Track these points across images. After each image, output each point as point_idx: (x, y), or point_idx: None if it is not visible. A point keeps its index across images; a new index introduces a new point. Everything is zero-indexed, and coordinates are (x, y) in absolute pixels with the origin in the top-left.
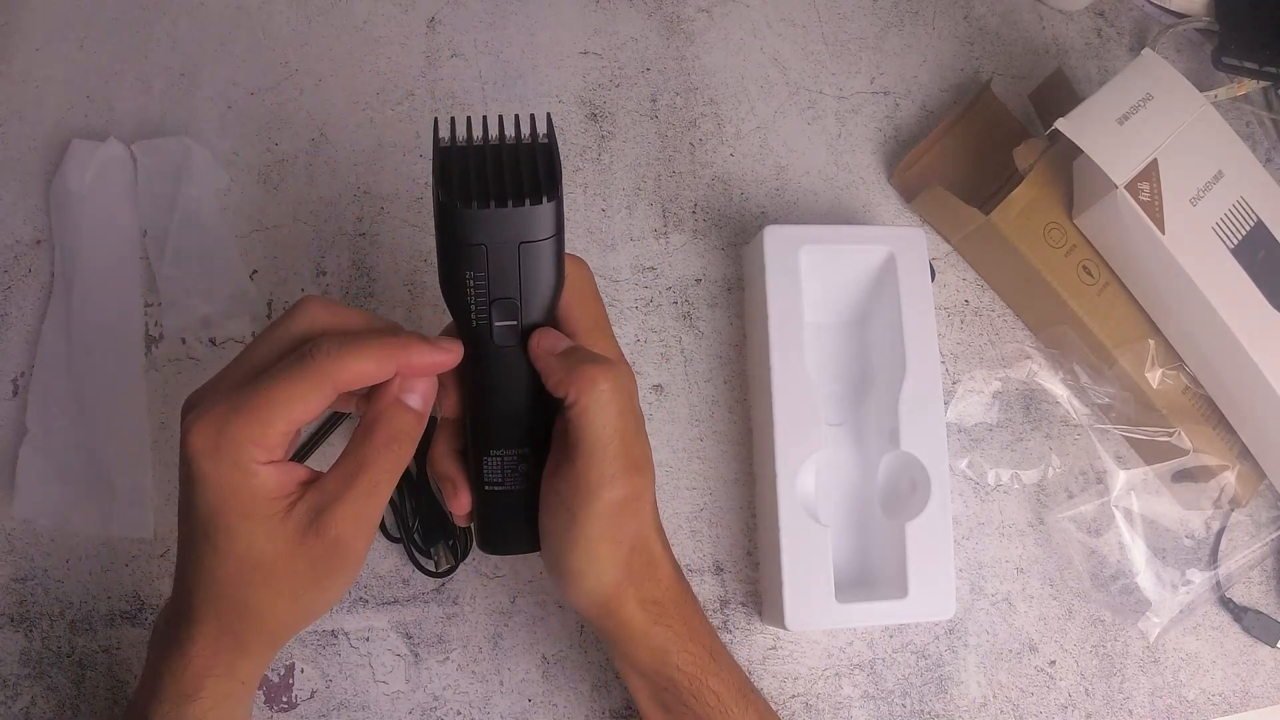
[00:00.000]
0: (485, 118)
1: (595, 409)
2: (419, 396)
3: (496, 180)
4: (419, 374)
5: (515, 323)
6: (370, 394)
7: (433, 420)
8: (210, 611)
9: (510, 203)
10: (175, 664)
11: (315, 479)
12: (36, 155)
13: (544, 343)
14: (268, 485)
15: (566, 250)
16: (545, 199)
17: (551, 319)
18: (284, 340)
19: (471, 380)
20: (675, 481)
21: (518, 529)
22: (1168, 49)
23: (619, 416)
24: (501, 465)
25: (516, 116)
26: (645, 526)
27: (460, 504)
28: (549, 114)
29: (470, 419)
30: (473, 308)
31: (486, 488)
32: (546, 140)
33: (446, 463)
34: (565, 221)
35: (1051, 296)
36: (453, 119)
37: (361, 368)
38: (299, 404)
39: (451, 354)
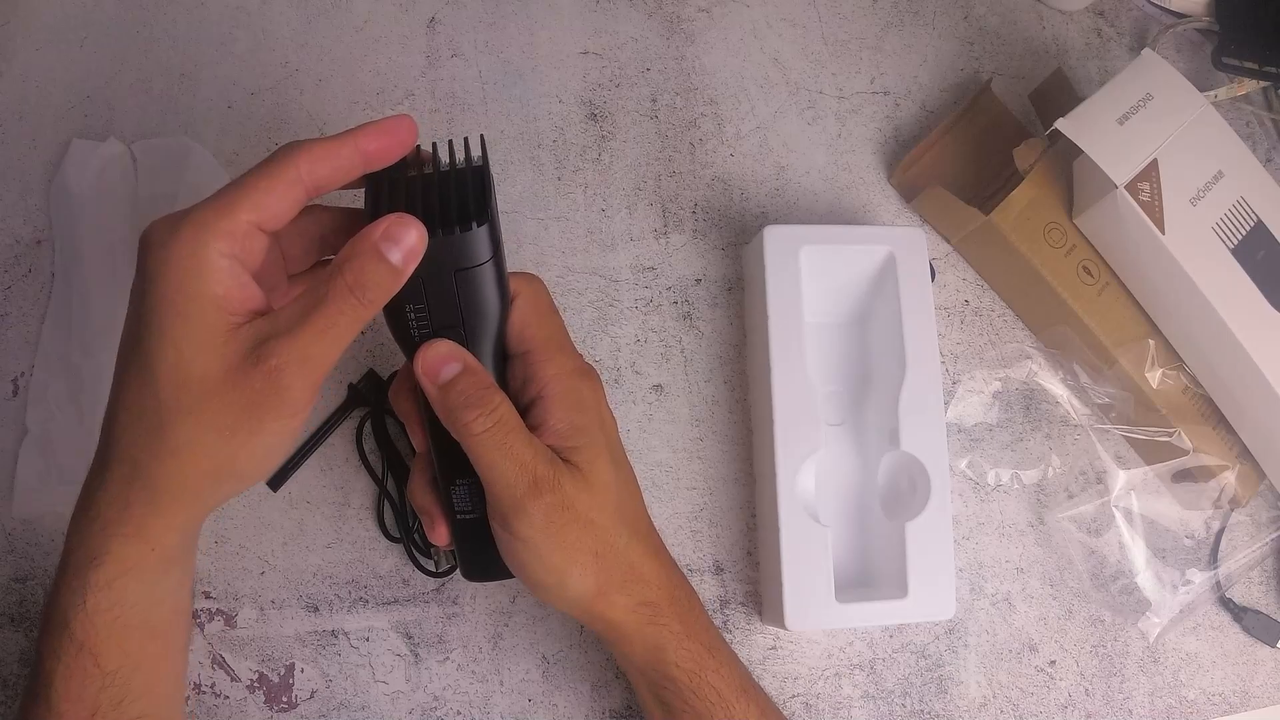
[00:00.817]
0: (419, 147)
1: (478, 451)
2: (400, 251)
3: (426, 209)
4: (381, 154)
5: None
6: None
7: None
8: (125, 448)
9: (440, 231)
10: (81, 522)
11: (271, 312)
12: (36, 155)
13: (426, 371)
14: (218, 289)
15: (520, 269)
16: (475, 224)
17: (499, 342)
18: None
19: (427, 410)
20: (675, 481)
21: (491, 556)
22: (1168, 49)
23: (500, 452)
24: (469, 493)
25: (451, 142)
26: (603, 534)
27: (439, 535)
28: (481, 135)
29: (433, 449)
30: (417, 339)
31: (459, 516)
32: (480, 164)
33: (422, 495)
34: (503, 243)
35: (1051, 296)
36: None
37: (324, 150)
38: (262, 193)
39: (403, 122)
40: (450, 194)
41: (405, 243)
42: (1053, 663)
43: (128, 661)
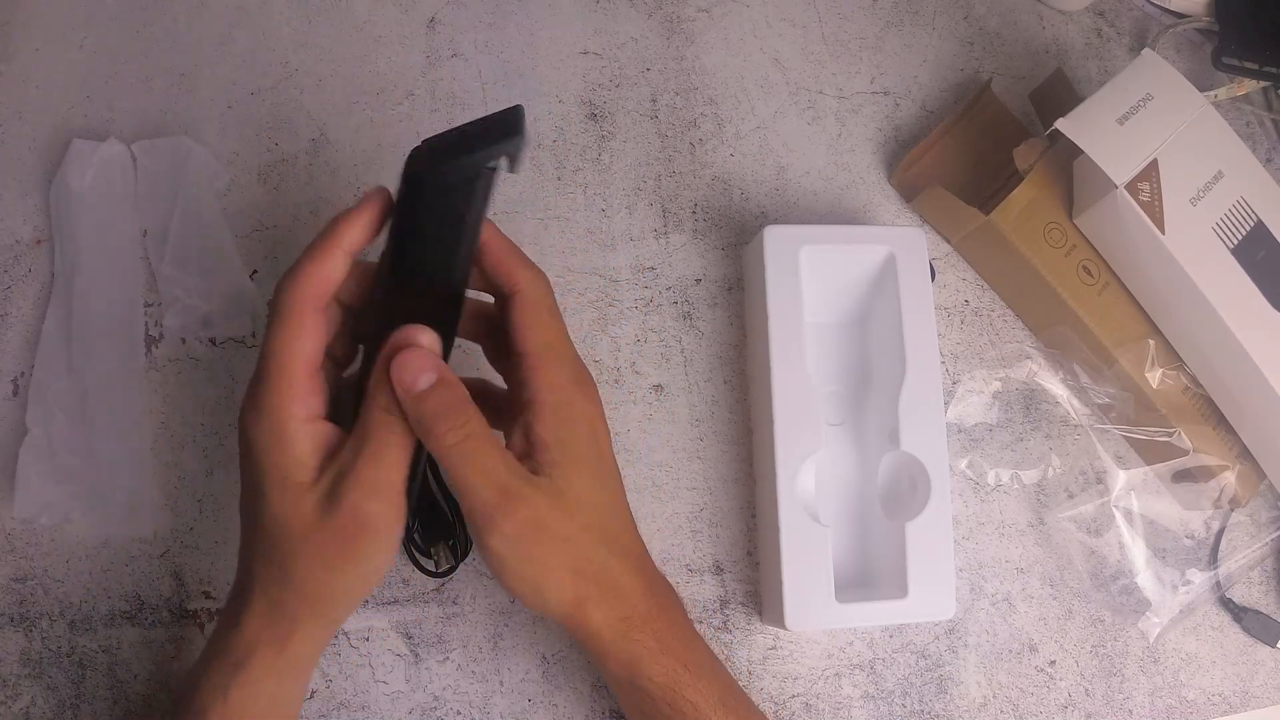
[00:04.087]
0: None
1: (448, 462)
2: (419, 379)
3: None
4: (364, 241)
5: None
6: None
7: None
8: (260, 584)
9: (456, 151)
10: (229, 636)
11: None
12: (36, 155)
13: (401, 380)
14: (302, 451)
15: (533, 260)
16: (488, 148)
17: (454, 281)
18: (271, 313)
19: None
20: (675, 481)
21: None
22: (1168, 49)
23: (469, 466)
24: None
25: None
26: (579, 549)
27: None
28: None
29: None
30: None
31: None
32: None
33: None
34: (490, 202)
35: (1051, 296)
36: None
37: (313, 271)
38: (294, 343)
39: (375, 203)
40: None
41: (417, 369)
42: (1053, 663)
43: None
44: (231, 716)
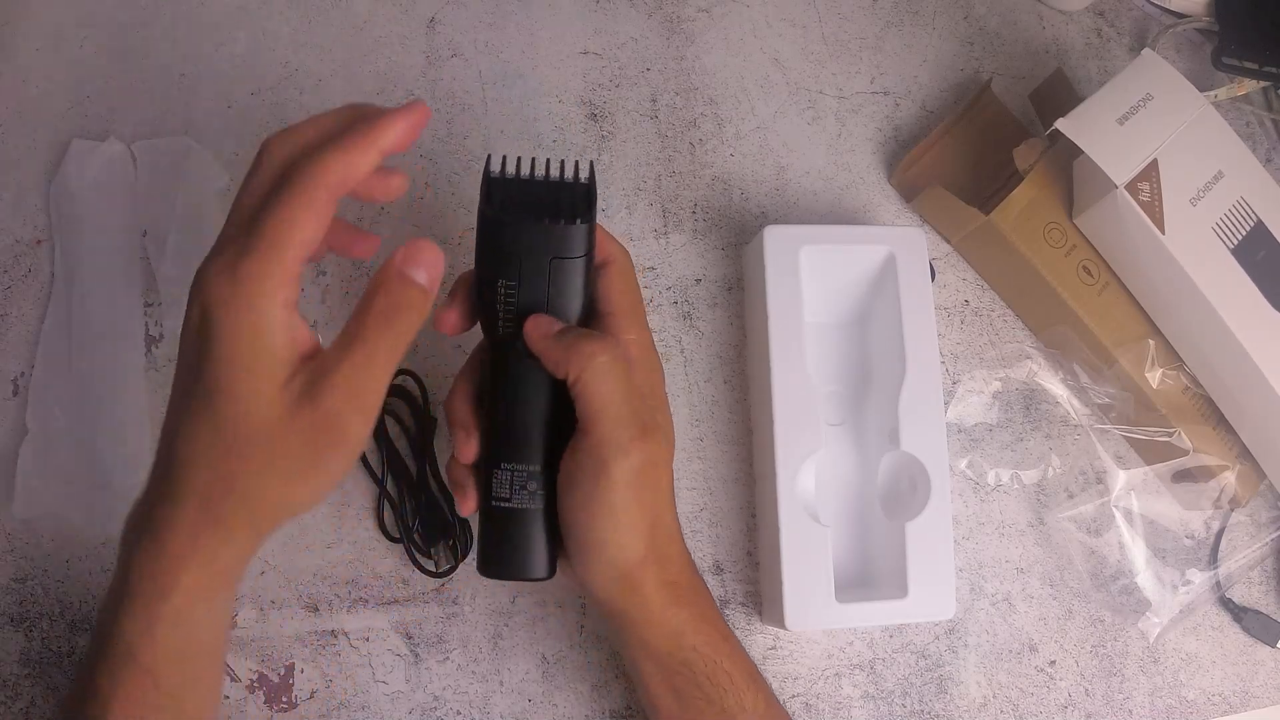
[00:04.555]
0: (534, 159)
1: (596, 382)
2: (425, 270)
3: (536, 200)
4: (398, 148)
5: None
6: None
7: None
8: (195, 487)
9: (546, 220)
10: (148, 554)
11: (319, 354)
12: (36, 155)
13: (539, 328)
14: (277, 341)
15: (614, 235)
16: (579, 221)
17: None
18: (264, 182)
19: (491, 389)
20: (675, 481)
21: (517, 551)
22: (1168, 49)
23: (621, 385)
24: (511, 480)
25: (563, 161)
26: (663, 501)
27: (468, 451)
28: (591, 161)
29: (487, 429)
30: (500, 315)
31: (494, 503)
32: (587, 182)
33: (461, 472)
34: (595, 254)
35: (1051, 296)
36: (504, 157)
37: (345, 161)
38: (301, 225)
39: (419, 112)
40: (560, 193)
41: (427, 261)
42: (1053, 663)
43: (183, 686)
44: (163, 653)
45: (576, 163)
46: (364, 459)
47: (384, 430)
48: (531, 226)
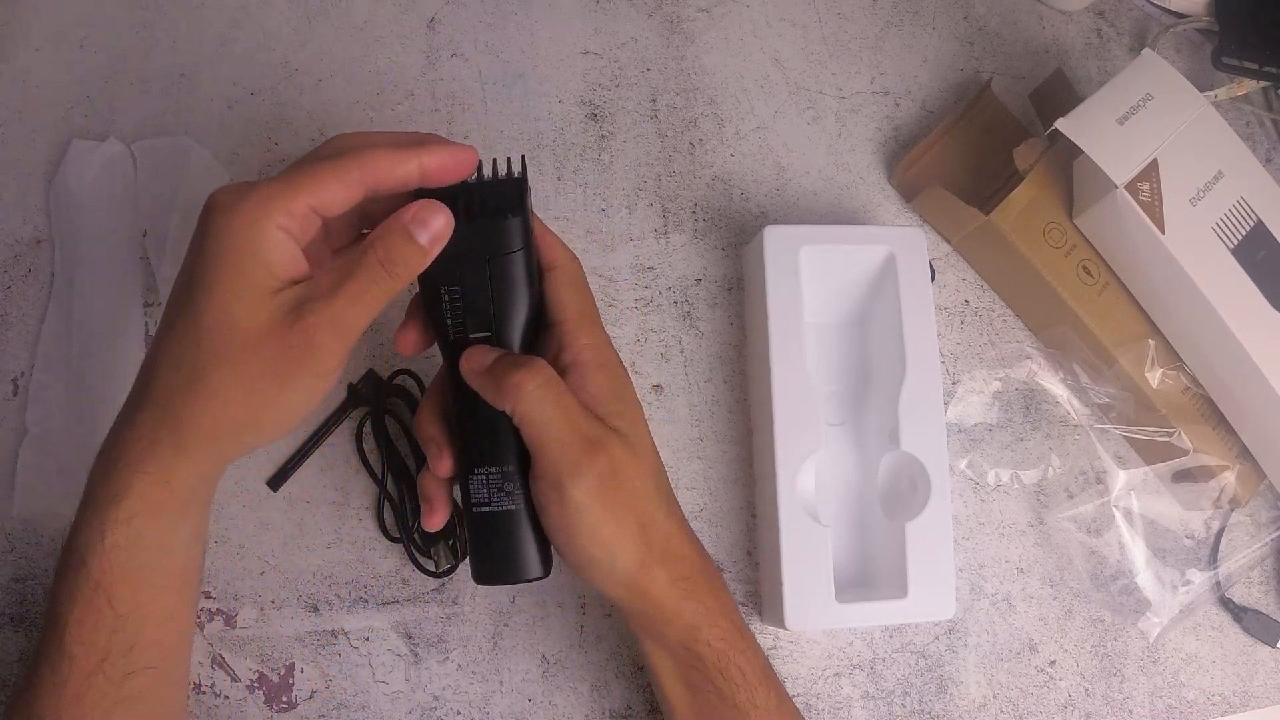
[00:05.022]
0: (480, 166)
1: (531, 411)
2: (428, 233)
3: (467, 201)
4: (440, 175)
5: (489, 333)
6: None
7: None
8: (159, 393)
9: (478, 219)
10: (105, 458)
11: (310, 280)
12: (36, 155)
13: (471, 363)
14: (272, 254)
15: (563, 240)
16: (510, 214)
17: (528, 331)
18: (313, 154)
19: (455, 398)
20: (675, 481)
21: (507, 554)
22: (1168, 49)
23: (555, 409)
24: (487, 484)
25: (495, 160)
26: (647, 504)
27: (441, 465)
28: (523, 155)
29: (459, 440)
30: (449, 322)
31: (475, 510)
32: (519, 175)
33: (431, 426)
34: (534, 243)
35: (1051, 296)
36: None
37: (386, 155)
38: (322, 181)
39: (466, 151)
40: (491, 191)
41: (433, 225)
42: (1053, 663)
43: (139, 609)
44: (112, 565)
45: (509, 159)
46: (364, 459)
47: (384, 430)
48: (464, 228)
